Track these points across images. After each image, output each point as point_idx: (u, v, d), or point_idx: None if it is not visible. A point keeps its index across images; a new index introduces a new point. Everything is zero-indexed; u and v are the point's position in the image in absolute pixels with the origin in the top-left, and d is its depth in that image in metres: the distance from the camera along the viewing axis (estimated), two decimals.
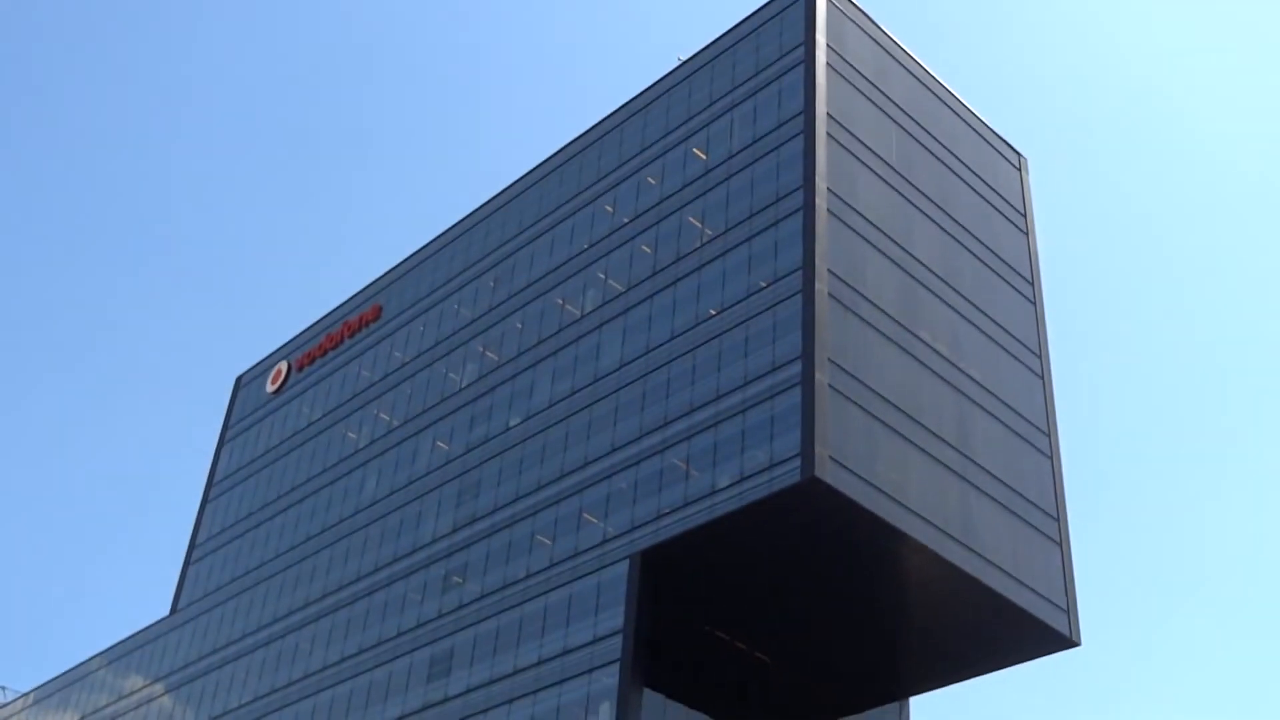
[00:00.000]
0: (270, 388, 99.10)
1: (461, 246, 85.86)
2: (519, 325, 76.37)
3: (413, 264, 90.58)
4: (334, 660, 75.75)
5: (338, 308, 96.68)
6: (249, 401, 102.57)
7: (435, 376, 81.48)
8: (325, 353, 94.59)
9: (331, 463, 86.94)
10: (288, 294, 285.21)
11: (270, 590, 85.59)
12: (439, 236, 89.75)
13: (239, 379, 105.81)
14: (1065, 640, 61.88)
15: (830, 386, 55.79)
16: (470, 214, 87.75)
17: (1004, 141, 77.27)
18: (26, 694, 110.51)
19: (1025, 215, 74.56)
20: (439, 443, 77.62)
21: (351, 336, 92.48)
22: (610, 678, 57.70)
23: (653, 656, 59.00)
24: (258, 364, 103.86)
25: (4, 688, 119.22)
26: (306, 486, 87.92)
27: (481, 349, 78.51)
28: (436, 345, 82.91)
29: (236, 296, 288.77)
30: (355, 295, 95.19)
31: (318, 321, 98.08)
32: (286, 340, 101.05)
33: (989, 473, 62.12)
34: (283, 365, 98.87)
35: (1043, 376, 69.01)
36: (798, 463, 53.57)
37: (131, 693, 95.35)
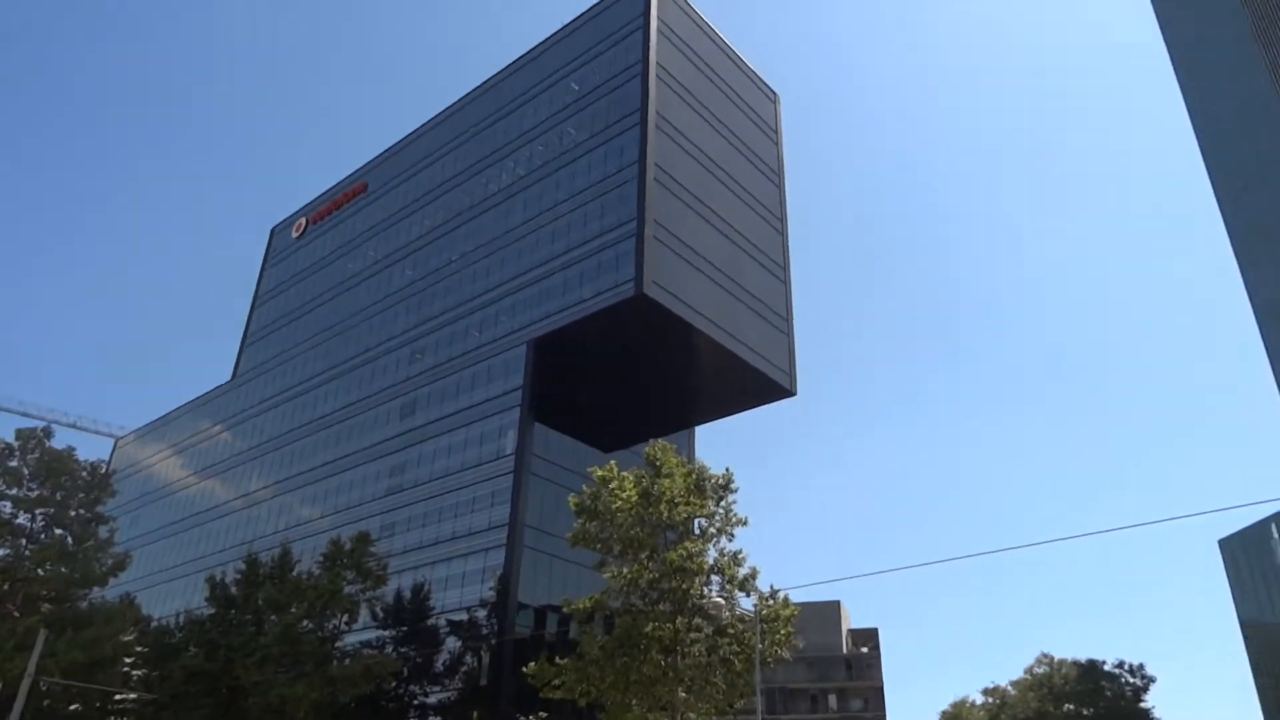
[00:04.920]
0: (294, 235, 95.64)
1: (425, 142, 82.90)
2: (458, 197, 74.96)
3: (389, 154, 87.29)
4: (339, 407, 76.04)
5: (340, 181, 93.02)
6: (280, 243, 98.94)
7: (402, 228, 79.84)
8: (331, 213, 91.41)
9: (336, 281, 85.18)
10: (308, 169, 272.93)
11: (295, 365, 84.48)
12: (404, 137, 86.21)
13: (273, 229, 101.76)
14: (787, 391, 65.28)
15: (654, 237, 57.09)
16: (422, 124, 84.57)
17: (764, 81, 76.56)
18: (136, 430, 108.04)
19: (776, 133, 74.92)
20: (406, 270, 76.71)
21: (350, 202, 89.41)
22: (514, 415, 59.52)
23: (540, 403, 60.73)
24: (285, 219, 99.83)
25: (123, 427, 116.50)
26: (323, 295, 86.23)
27: (435, 210, 77.00)
28: (404, 208, 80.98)
29: (270, 172, 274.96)
30: (349, 175, 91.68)
31: (326, 191, 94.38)
32: (306, 202, 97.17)
33: (749, 292, 64.22)
34: (303, 220, 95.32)
35: (783, 235, 70.67)
36: (633, 284, 54.87)
37: (204, 430, 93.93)
